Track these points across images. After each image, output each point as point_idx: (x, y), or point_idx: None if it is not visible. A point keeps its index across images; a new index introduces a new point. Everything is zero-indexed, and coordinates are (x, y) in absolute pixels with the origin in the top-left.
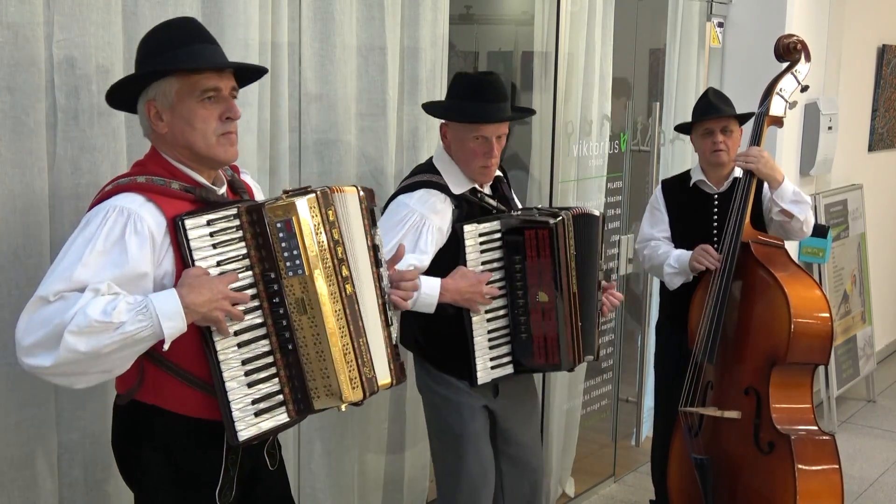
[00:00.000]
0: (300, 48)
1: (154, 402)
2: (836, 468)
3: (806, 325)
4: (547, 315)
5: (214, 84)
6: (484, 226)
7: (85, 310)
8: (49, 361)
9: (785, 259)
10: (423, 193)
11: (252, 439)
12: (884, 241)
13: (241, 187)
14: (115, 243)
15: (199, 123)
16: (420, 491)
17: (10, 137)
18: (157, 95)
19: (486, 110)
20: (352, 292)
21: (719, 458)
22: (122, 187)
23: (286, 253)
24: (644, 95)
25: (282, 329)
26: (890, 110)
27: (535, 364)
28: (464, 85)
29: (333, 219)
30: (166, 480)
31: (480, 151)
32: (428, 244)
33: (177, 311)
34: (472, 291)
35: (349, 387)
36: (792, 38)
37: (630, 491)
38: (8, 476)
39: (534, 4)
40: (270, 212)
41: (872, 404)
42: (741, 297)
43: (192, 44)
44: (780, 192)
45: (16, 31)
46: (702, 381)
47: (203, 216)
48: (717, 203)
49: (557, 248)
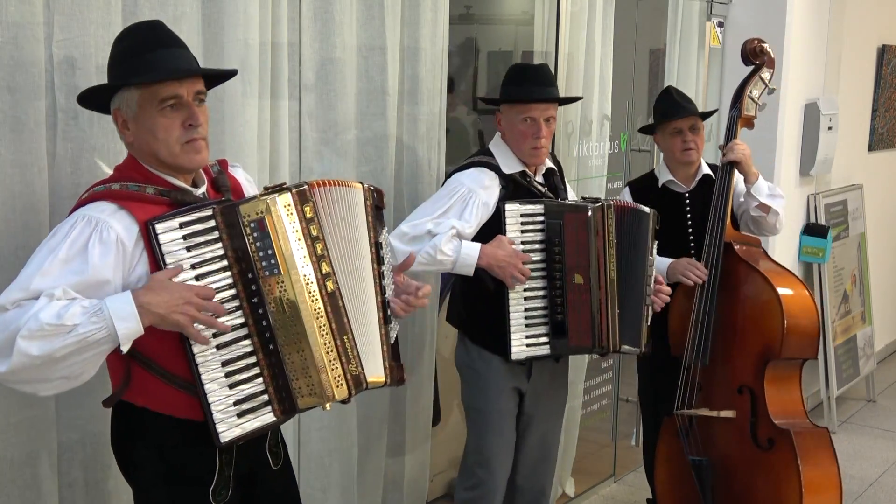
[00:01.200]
0: (300, 48)
1: (144, 403)
2: (834, 461)
3: (797, 320)
4: (581, 298)
5: (173, 92)
6: (527, 207)
7: (37, 314)
8: (4, 367)
9: (764, 257)
10: (474, 171)
11: (237, 440)
12: (884, 241)
13: (224, 185)
14: (78, 252)
15: (161, 133)
16: (420, 491)
17: (10, 137)
18: (121, 105)
19: (531, 91)
20: (333, 289)
21: (714, 459)
22: (95, 195)
23: (261, 253)
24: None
25: (262, 329)
26: (890, 110)
27: (569, 345)
28: (514, 72)
29: (312, 215)
30: (160, 478)
31: (529, 133)
32: (472, 215)
33: (130, 312)
34: (508, 262)
35: (333, 385)
36: (756, 42)
37: (630, 491)
38: (8, 476)
39: (534, 4)
40: (244, 212)
41: (872, 404)
42: (728, 296)
43: (154, 50)
44: (757, 187)
45: (16, 31)
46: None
47: (175, 219)
48: (688, 201)
49: (594, 233)
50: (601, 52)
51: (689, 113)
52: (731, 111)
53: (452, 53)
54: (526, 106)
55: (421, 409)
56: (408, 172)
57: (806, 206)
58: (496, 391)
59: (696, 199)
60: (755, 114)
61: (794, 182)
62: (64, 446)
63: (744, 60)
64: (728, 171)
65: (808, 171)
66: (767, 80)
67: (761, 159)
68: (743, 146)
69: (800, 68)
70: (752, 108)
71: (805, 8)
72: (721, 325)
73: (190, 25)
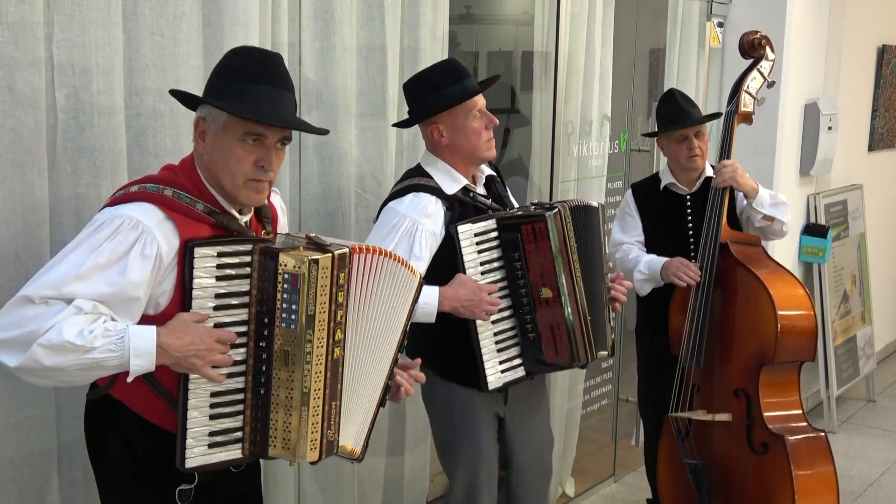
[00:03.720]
0: (300, 48)
1: (120, 398)
2: (830, 464)
3: (792, 323)
4: (553, 311)
5: (261, 130)
6: (479, 225)
7: (61, 327)
8: (13, 362)
9: (763, 256)
10: (413, 198)
11: (198, 468)
12: (884, 241)
13: (266, 215)
14: (118, 260)
15: (233, 162)
16: (420, 491)
17: (10, 137)
18: (207, 116)
19: (472, 85)
20: (339, 356)
21: (711, 461)
22: (147, 195)
23: (285, 305)
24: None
25: (259, 372)
26: (890, 110)
27: (546, 363)
28: (435, 76)
29: (343, 282)
30: (128, 473)
31: (481, 126)
32: (423, 249)
33: (149, 351)
34: (472, 300)
35: (307, 447)
36: (756, 34)
37: (630, 491)
38: (8, 476)
39: (534, 4)
40: (283, 260)
41: (872, 404)
42: (724, 298)
43: (260, 83)
44: (758, 200)
45: (16, 31)
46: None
47: (216, 247)
48: (689, 204)
49: (556, 241)
50: (601, 52)
51: (696, 121)
52: (727, 107)
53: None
54: (472, 101)
55: (421, 409)
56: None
57: (806, 206)
58: (474, 427)
59: (698, 201)
60: (753, 109)
61: (794, 182)
62: (64, 446)
63: (742, 54)
64: (721, 194)
65: (807, 171)
66: (767, 74)
67: (761, 159)
68: (732, 167)
69: (800, 68)
70: (750, 103)
71: (805, 8)
72: (717, 327)
73: (190, 25)
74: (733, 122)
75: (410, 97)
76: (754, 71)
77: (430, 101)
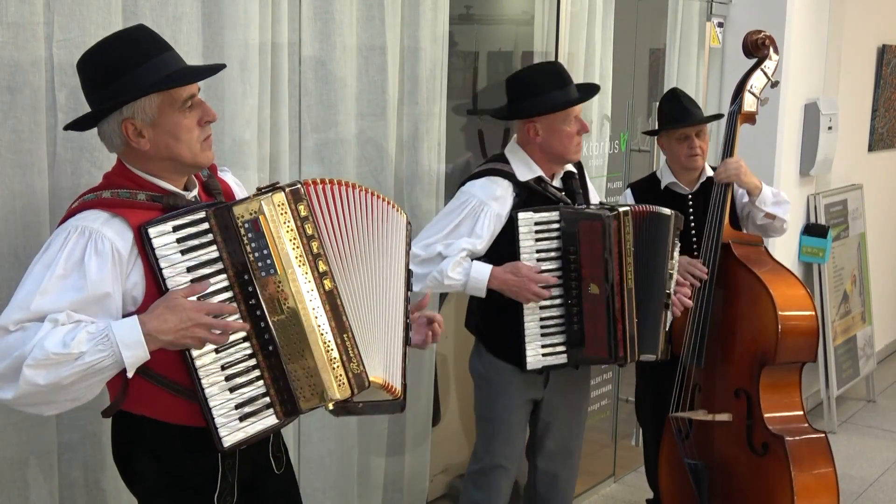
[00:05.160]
0: (300, 48)
1: (142, 412)
2: (831, 465)
3: (792, 324)
4: (598, 307)
5: (191, 92)
6: (541, 215)
7: (42, 343)
8: (10, 394)
9: (765, 257)
10: (486, 181)
11: (239, 444)
12: (884, 241)
13: (216, 188)
14: (75, 267)
15: (184, 134)
16: (420, 491)
17: (10, 137)
18: (134, 113)
19: (574, 93)
20: (331, 287)
21: (712, 462)
22: (86, 204)
23: (256, 253)
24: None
25: (261, 331)
26: (890, 110)
27: (586, 355)
28: (543, 78)
29: (306, 213)
30: (163, 486)
31: (575, 131)
32: (484, 229)
33: (137, 340)
34: (519, 287)
35: (334, 385)
36: (760, 34)
37: (630, 491)
38: (8, 476)
39: (534, 4)
40: (238, 213)
41: (872, 404)
42: (725, 298)
43: (156, 55)
44: (761, 198)
45: (16, 31)
46: (689, 385)
47: (168, 223)
48: (691, 204)
49: (611, 242)
50: (601, 52)
51: (698, 121)
52: (730, 107)
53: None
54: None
55: (421, 409)
56: (408, 172)
57: (806, 206)
58: (507, 403)
59: (699, 201)
60: (756, 109)
61: (794, 182)
62: (64, 446)
63: (745, 54)
64: (723, 190)
65: (808, 171)
66: (770, 73)
67: (761, 159)
68: (735, 164)
69: (800, 68)
70: (753, 103)
71: (805, 8)
72: (718, 327)
73: (190, 25)
74: (736, 121)
75: (514, 94)
76: (758, 71)
77: (534, 101)
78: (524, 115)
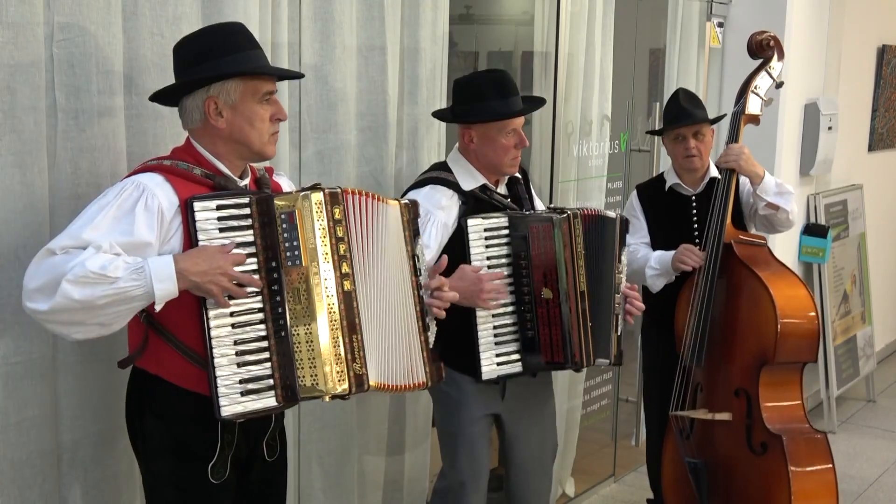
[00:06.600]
0: (300, 48)
1: (156, 371)
2: (830, 466)
3: (792, 324)
4: (552, 312)
5: (271, 88)
6: (490, 221)
7: (84, 262)
8: (46, 306)
9: (768, 257)
10: (430, 189)
11: (236, 416)
12: (884, 241)
13: (266, 184)
14: (126, 213)
15: (259, 123)
16: (420, 491)
17: (10, 137)
18: (219, 93)
19: (516, 104)
20: (350, 289)
21: (713, 461)
22: (147, 167)
23: (287, 244)
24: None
25: (277, 316)
26: (890, 110)
27: (542, 362)
28: (484, 85)
29: (340, 217)
30: (166, 450)
31: (511, 144)
32: (431, 238)
33: (169, 274)
34: (472, 291)
35: (335, 379)
36: (765, 35)
37: (630, 491)
38: (8, 476)
39: (534, 4)
40: (278, 205)
41: (872, 404)
42: (726, 298)
43: (249, 49)
44: (763, 187)
45: (16, 31)
46: (691, 384)
47: (214, 200)
48: (695, 205)
49: (561, 245)
50: (601, 52)
51: (692, 121)
52: (734, 107)
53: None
54: (507, 120)
55: (421, 409)
56: (408, 172)
57: (806, 206)
58: (467, 416)
59: (703, 202)
60: (760, 110)
61: (794, 182)
62: (64, 446)
63: (750, 54)
64: (728, 177)
65: (808, 171)
66: (776, 75)
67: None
68: (737, 151)
69: (800, 68)
70: (757, 104)
71: (805, 8)
72: (719, 326)
73: (190, 25)
74: (740, 122)
75: (456, 96)
76: (763, 71)
77: (471, 107)
78: (460, 120)
